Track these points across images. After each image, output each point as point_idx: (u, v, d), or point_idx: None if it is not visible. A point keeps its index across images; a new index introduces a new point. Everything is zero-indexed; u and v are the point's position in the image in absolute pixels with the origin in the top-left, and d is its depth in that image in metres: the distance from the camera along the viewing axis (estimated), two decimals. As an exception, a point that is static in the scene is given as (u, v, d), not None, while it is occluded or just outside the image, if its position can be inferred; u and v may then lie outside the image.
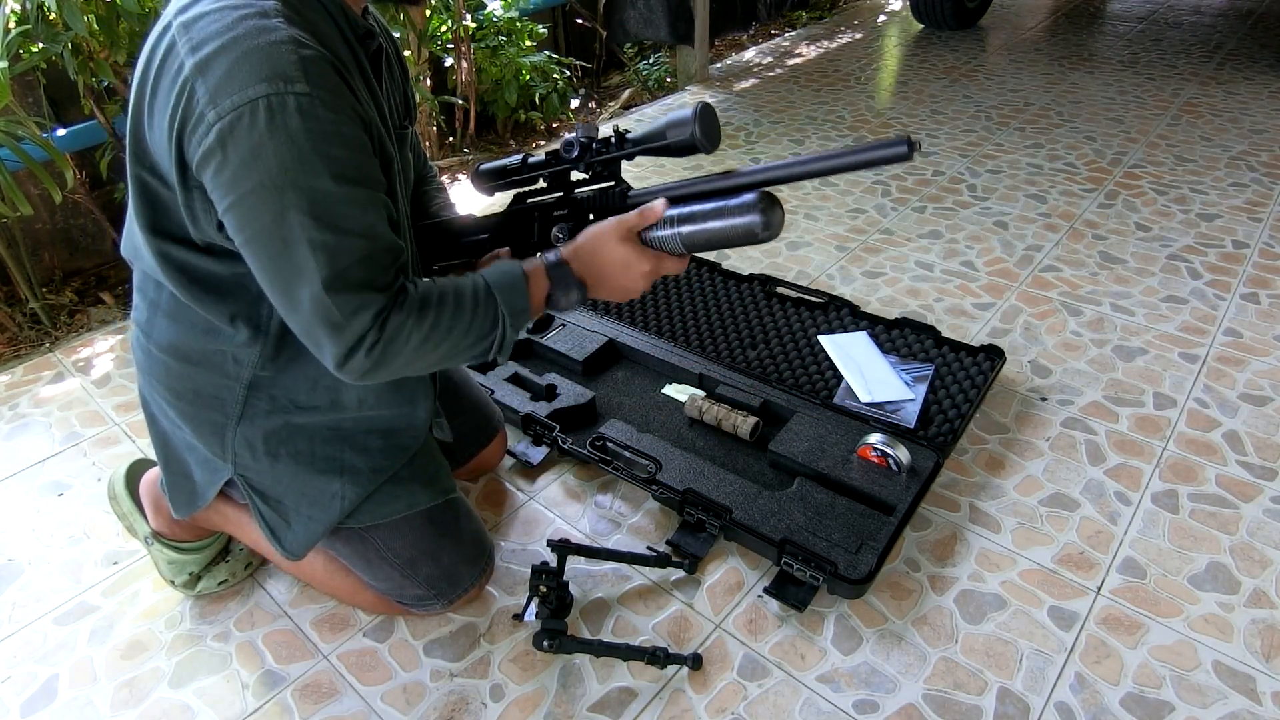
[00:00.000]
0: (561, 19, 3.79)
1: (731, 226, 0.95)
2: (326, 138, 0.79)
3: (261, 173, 0.78)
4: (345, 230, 0.82)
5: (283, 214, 0.79)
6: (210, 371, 1.03)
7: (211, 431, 1.08)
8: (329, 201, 0.80)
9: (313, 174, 0.79)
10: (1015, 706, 1.14)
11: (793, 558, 1.27)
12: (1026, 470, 1.52)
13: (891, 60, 3.86)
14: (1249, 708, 1.13)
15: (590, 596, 1.31)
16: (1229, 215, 2.37)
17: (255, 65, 0.76)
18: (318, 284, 0.82)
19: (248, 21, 0.78)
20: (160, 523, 1.29)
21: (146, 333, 1.05)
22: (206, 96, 0.77)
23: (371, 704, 1.17)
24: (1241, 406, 1.66)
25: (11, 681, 1.22)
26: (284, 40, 0.78)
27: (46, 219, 2.25)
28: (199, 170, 0.81)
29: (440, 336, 0.91)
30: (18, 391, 1.85)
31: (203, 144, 0.78)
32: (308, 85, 0.77)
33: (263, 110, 0.76)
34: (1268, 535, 1.38)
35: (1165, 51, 3.79)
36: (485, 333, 0.95)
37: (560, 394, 1.64)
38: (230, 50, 0.77)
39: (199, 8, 0.81)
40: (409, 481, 1.17)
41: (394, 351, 0.88)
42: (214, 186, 0.81)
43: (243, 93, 0.76)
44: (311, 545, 1.13)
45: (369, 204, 0.84)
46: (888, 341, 1.80)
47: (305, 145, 0.78)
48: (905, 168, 2.75)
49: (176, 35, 0.80)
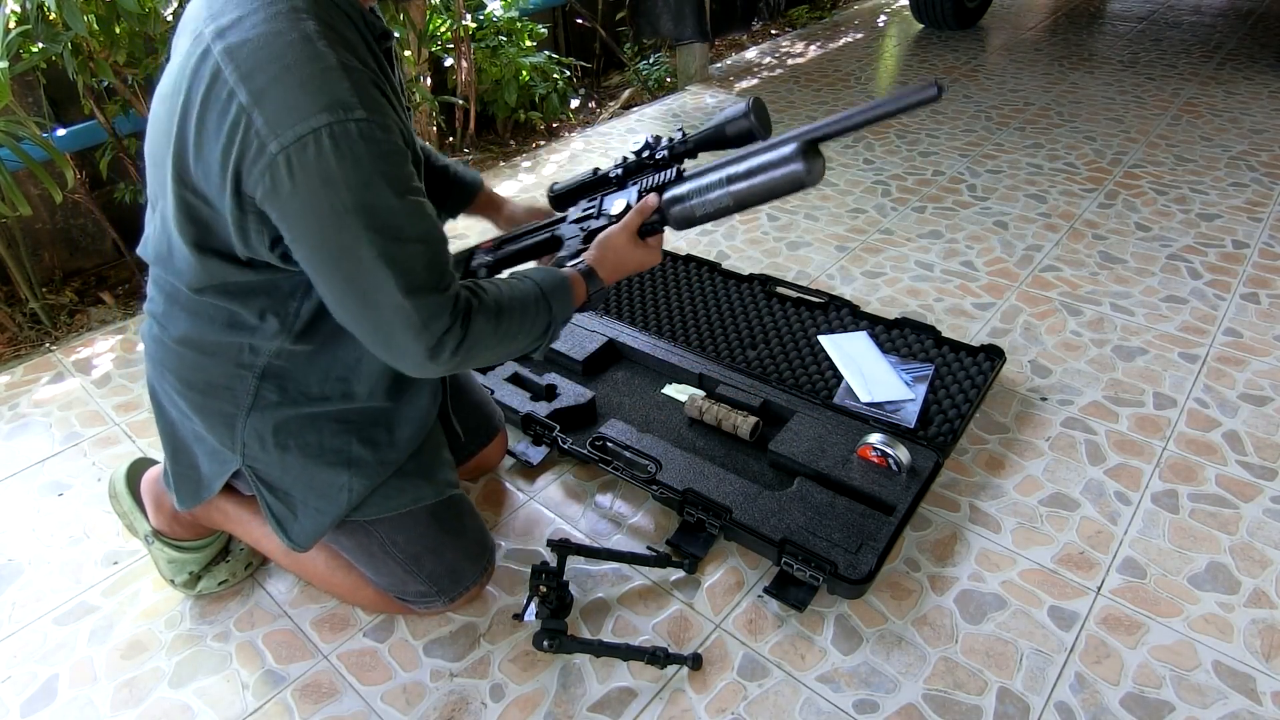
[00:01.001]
0: (561, 19, 3.79)
1: (777, 178, 1.04)
2: (385, 157, 0.83)
3: (331, 197, 0.81)
4: (409, 239, 0.87)
5: (355, 234, 0.83)
6: (225, 362, 1.04)
7: (222, 422, 1.08)
8: (394, 216, 0.85)
9: (378, 193, 0.83)
10: (1015, 706, 1.14)
11: (793, 558, 1.27)
12: (1026, 470, 1.52)
13: (891, 60, 3.86)
14: (1249, 708, 1.13)
15: (590, 596, 1.31)
16: (1229, 215, 2.37)
17: (313, 95, 0.78)
18: (397, 294, 0.87)
19: (296, 48, 0.79)
20: (161, 521, 1.29)
21: (163, 325, 1.06)
22: (266, 128, 0.79)
23: (371, 704, 1.17)
24: (1241, 406, 1.66)
25: (11, 681, 1.22)
26: (335, 66, 0.80)
27: (46, 219, 2.25)
28: (263, 199, 0.83)
29: (508, 335, 1.01)
30: (18, 391, 1.85)
31: (267, 173, 0.80)
32: (364, 110, 0.80)
33: (326, 138, 0.79)
34: (1268, 535, 1.38)
35: (1165, 51, 3.79)
36: (540, 334, 1.07)
37: (560, 394, 1.64)
38: (285, 80, 0.79)
39: (240, 32, 0.81)
40: (414, 476, 1.17)
41: (473, 346, 0.96)
42: (282, 213, 0.84)
43: (305, 123, 0.78)
44: (318, 537, 1.14)
45: (423, 211, 0.89)
46: (888, 341, 1.80)
47: (369, 167, 0.81)
48: (905, 167, 2.75)
49: (221, 62, 0.81)
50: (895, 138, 2.99)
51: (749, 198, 1.08)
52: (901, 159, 2.82)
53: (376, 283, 0.86)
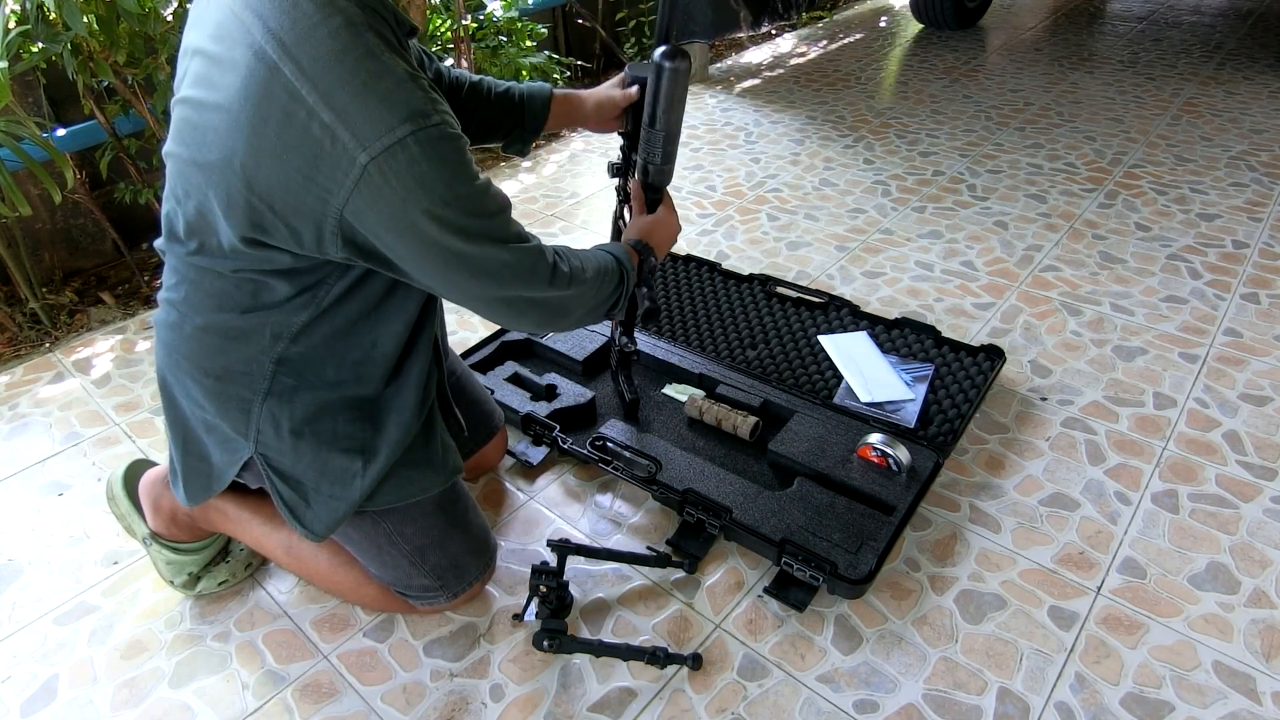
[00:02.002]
0: (561, 19, 3.79)
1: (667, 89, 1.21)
2: (460, 150, 0.91)
3: (427, 196, 0.88)
4: (493, 213, 0.97)
5: (454, 222, 0.91)
6: (245, 346, 1.05)
7: (237, 407, 1.09)
8: (479, 198, 0.94)
9: (462, 182, 0.91)
10: (1015, 706, 1.14)
11: (793, 558, 1.27)
12: (1026, 470, 1.52)
13: (891, 60, 3.86)
14: (1249, 708, 1.13)
15: (590, 596, 1.31)
16: (1229, 215, 2.37)
17: (394, 106, 0.85)
18: (502, 253, 0.97)
19: (367, 64, 0.85)
20: (159, 523, 1.29)
21: (182, 312, 1.07)
22: (354, 141, 0.84)
23: (371, 704, 1.17)
24: (1241, 406, 1.66)
25: (11, 681, 1.22)
26: (405, 77, 0.86)
27: (46, 219, 2.25)
28: (353, 208, 0.88)
29: (598, 280, 1.13)
30: (18, 391, 1.85)
31: (360, 183, 0.86)
32: (437, 113, 0.87)
33: (413, 144, 0.85)
34: (1268, 535, 1.38)
35: (1165, 51, 3.79)
36: (617, 286, 1.17)
37: (560, 394, 1.64)
38: (365, 97, 0.84)
39: (309, 50, 0.84)
40: (423, 465, 1.18)
41: (579, 281, 1.08)
42: (377, 219, 0.89)
43: (391, 134, 0.84)
44: (334, 526, 1.14)
45: (493, 186, 0.98)
46: (888, 341, 1.80)
47: (453, 162, 0.89)
48: (905, 167, 2.75)
49: (296, 81, 0.84)
50: (895, 138, 2.99)
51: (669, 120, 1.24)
52: (901, 159, 2.82)
53: (483, 254, 0.95)
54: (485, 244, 0.95)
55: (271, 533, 1.25)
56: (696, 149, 2.98)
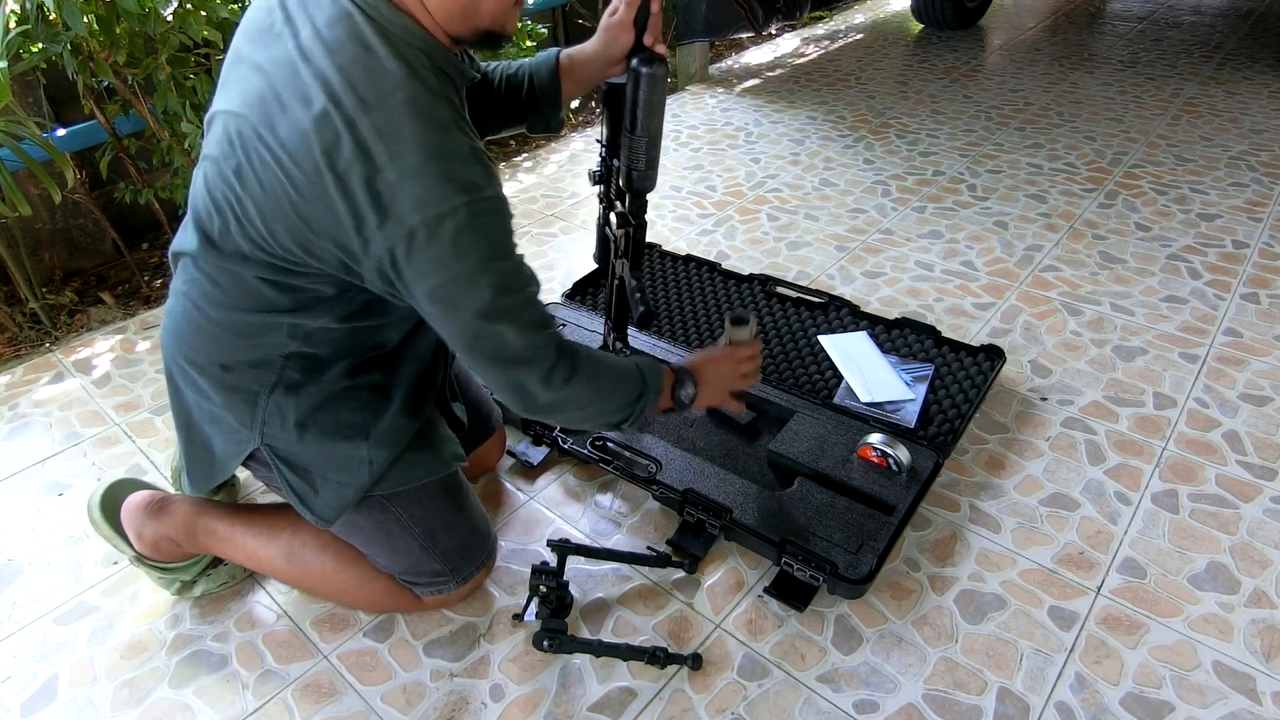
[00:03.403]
0: (561, 19, 3.79)
1: (645, 94, 1.13)
2: (503, 226, 0.97)
3: (462, 264, 0.93)
4: (521, 289, 1.00)
5: (479, 292, 0.95)
6: (259, 342, 1.07)
7: (243, 400, 1.10)
8: (510, 273, 0.98)
9: (498, 256, 0.96)
10: (1015, 706, 1.14)
11: (793, 558, 1.27)
12: (1026, 470, 1.52)
13: (891, 60, 3.86)
14: (1249, 708, 1.13)
15: (590, 596, 1.31)
16: (1229, 215, 2.37)
17: (452, 179, 0.90)
18: (516, 335, 1.00)
19: (436, 135, 0.90)
20: (144, 548, 1.28)
21: (200, 306, 1.08)
22: (411, 203, 0.89)
23: (371, 704, 1.17)
24: (1241, 406, 1.66)
25: (11, 681, 1.22)
26: (468, 152, 0.92)
27: (46, 219, 2.25)
28: (392, 261, 0.92)
29: (604, 387, 1.11)
30: (18, 391, 1.85)
31: (404, 239, 0.90)
32: (491, 189, 0.93)
33: (464, 214, 0.91)
34: (1268, 535, 1.38)
35: (1165, 51, 3.79)
36: (633, 399, 1.14)
37: (560, 394, 1.64)
38: (431, 165, 0.89)
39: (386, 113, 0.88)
40: (426, 449, 1.20)
41: (576, 383, 1.06)
42: (415, 273, 0.93)
43: (446, 202, 0.90)
44: (342, 511, 1.15)
45: (526, 266, 1.02)
46: (888, 341, 1.80)
47: (494, 236, 0.95)
48: (905, 167, 2.75)
49: (369, 139, 0.88)
50: (895, 138, 2.99)
51: (649, 125, 1.18)
52: (901, 159, 2.82)
53: (500, 330, 0.98)
54: (500, 321, 0.98)
55: (268, 543, 1.24)
56: (696, 149, 2.98)
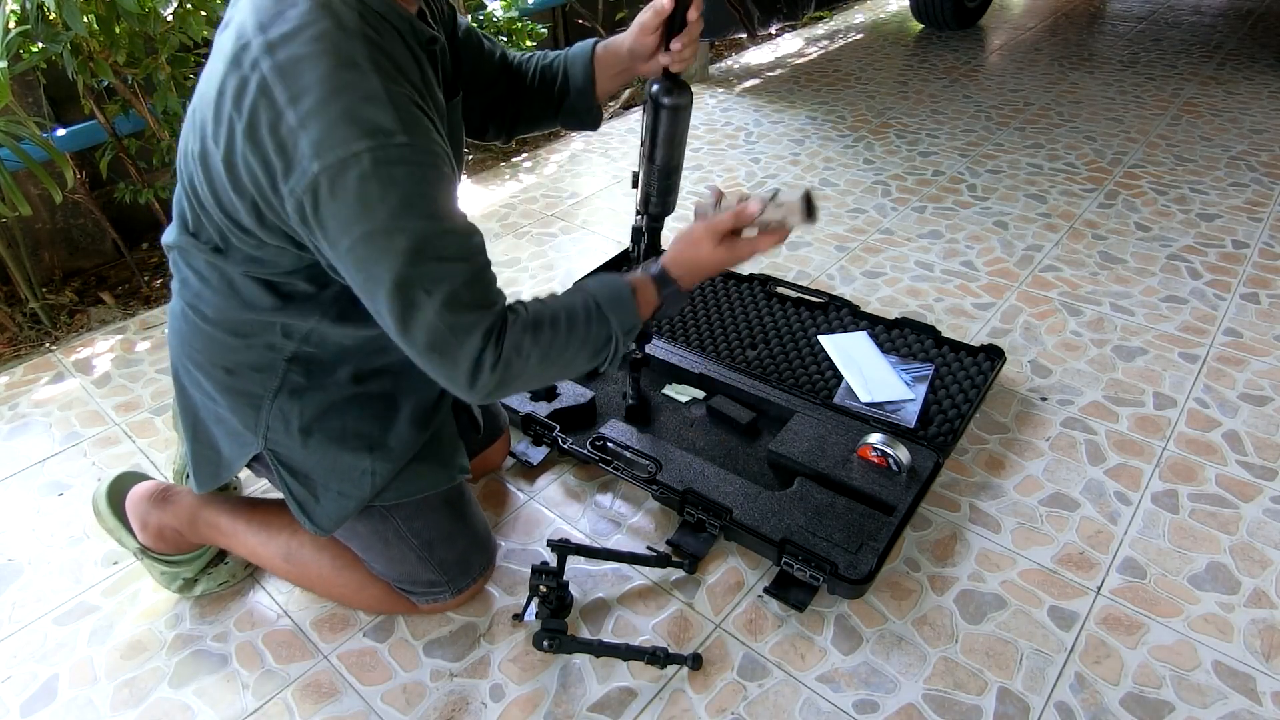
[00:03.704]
0: (561, 19, 3.79)
1: (668, 123, 1.13)
2: (424, 180, 0.85)
3: (370, 220, 0.83)
4: (448, 259, 0.88)
5: (394, 255, 0.85)
6: (257, 343, 1.06)
7: (247, 404, 1.09)
8: (431, 237, 0.86)
9: (415, 215, 0.84)
10: (1015, 706, 1.14)
11: (793, 558, 1.27)
12: (1026, 470, 1.52)
13: (891, 60, 3.86)
14: (1249, 708, 1.13)
15: (590, 596, 1.31)
16: (1229, 215, 2.37)
17: (357, 120, 0.81)
18: (431, 312, 0.88)
19: (343, 73, 0.82)
20: (148, 539, 1.28)
21: (193, 306, 1.07)
22: (310, 149, 0.81)
23: (371, 704, 1.17)
24: (1241, 406, 1.66)
25: (11, 681, 1.22)
26: (379, 92, 0.83)
27: (46, 219, 2.25)
28: (299, 217, 0.86)
29: (558, 353, 0.97)
30: (18, 391, 1.85)
31: (309, 192, 0.83)
32: (405, 135, 0.83)
33: (368, 162, 0.81)
34: (1268, 535, 1.38)
35: (1165, 51, 3.79)
36: (599, 348, 1.01)
37: (560, 394, 1.64)
38: (332, 105, 0.81)
39: (290, 50, 0.82)
40: (431, 461, 1.19)
41: (516, 368, 0.94)
42: (322, 232, 0.86)
43: (346, 146, 0.81)
44: (342, 521, 1.14)
45: (463, 231, 0.90)
46: (888, 341, 1.80)
47: (408, 189, 0.84)
48: (905, 167, 2.75)
49: (271, 79, 0.82)
50: (895, 138, 2.99)
51: (667, 155, 1.17)
52: (901, 159, 2.82)
53: (411, 303, 0.87)
54: (415, 291, 0.87)
55: (268, 541, 1.25)
56: (697, 149, 2.98)
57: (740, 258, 1.09)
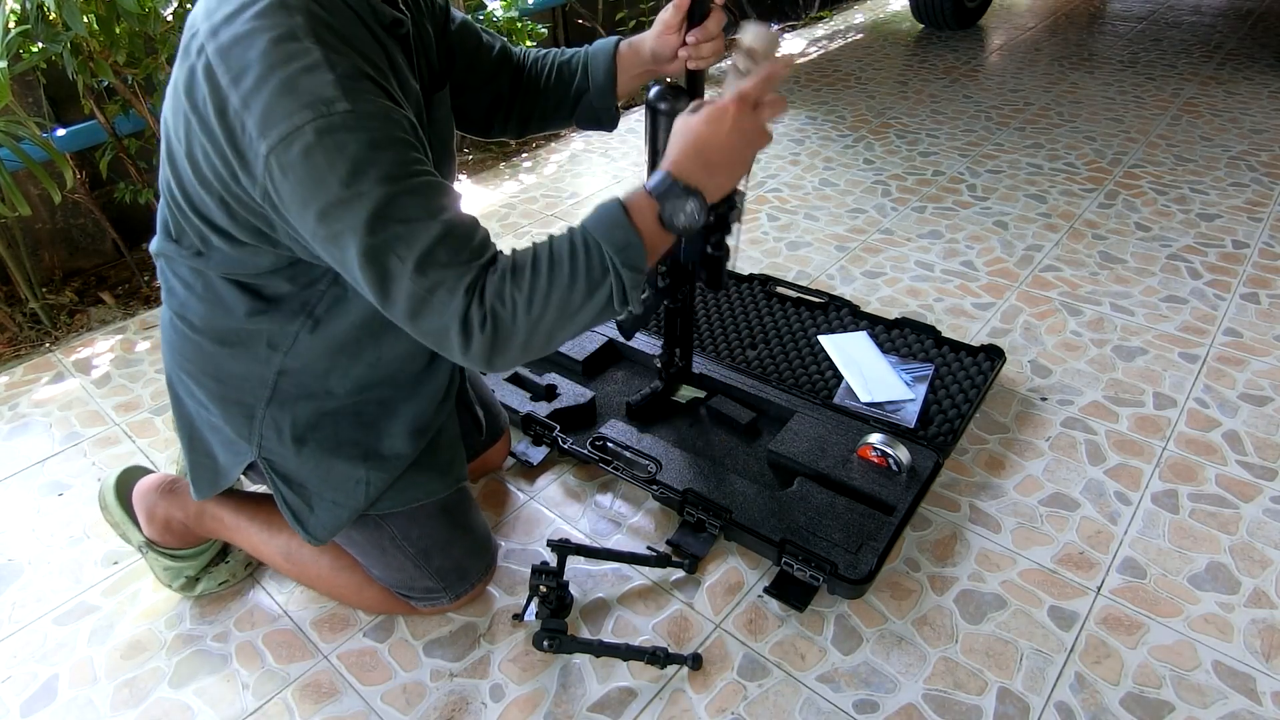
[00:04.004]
0: (561, 19, 3.79)
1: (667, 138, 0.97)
2: (375, 144, 0.81)
3: (325, 193, 0.80)
4: (414, 219, 0.82)
5: (356, 224, 0.81)
6: (245, 353, 1.05)
7: (240, 413, 1.08)
8: (391, 200, 0.81)
9: (370, 180, 0.80)
10: (1015, 706, 1.14)
11: (793, 558, 1.27)
12: (1026, 470, 1.52)
13: (891, 60, 3.86)
14: (1249, 708, 1.13)
15: (590, 596, 1.31)
16: (1229, 215, 2.37)
17: (296, 93, 0.78)
18: (406, 278, 0.82)
19: (280, 47, 0.79)
20: (153, 531, 1.28)
21: (180, 314, 1.06)
22: (256, 130, 0.80)
23: (371, 704, 1.17)
24: (1241, 406, 1.66)
25: (11, 681, 1.22)
26: (319, 61, 0.80)
27: (46, 219, 2.25)
28: (263, 200, 0.84)
29: (544, 295, 0.86)
30: (18, 391, 1.85)
31: (266, 175, 0.81)
32: (348, 101, 0.79)
33: (311, 134, 0.78)
34: (1268, 535, 1.38)
35: (1165, 51, 3.79)
36: (597, 281, 0.87)
37: (560, 394, 1.64)
38: (269, 80, 0.79)
39: (230, 30, 0.81)
40: (428, 469, 1.18)
41: (505, 323, 0.85)
42: (287, 211, 0.84)
43: (288, 121, 0.78)
44: (336, 531, 1.14)
45: (429, 190, 0.84)
46: (888, 341, 1.80)
47: (357, 155, 0.80)
48: (905, 167, 2.75)
49: (214, 62, 0.81)
50: (895, 138, 2.99)
51: None
52: (901, 159, 2.82)
53: (386, 270, 0.83)
54: (385, 259, 0.82)
55: (270, 539, 1.25)
56: (696, 149, 2.97)
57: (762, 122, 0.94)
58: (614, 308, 0.90)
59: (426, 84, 1.07)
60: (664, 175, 0.91)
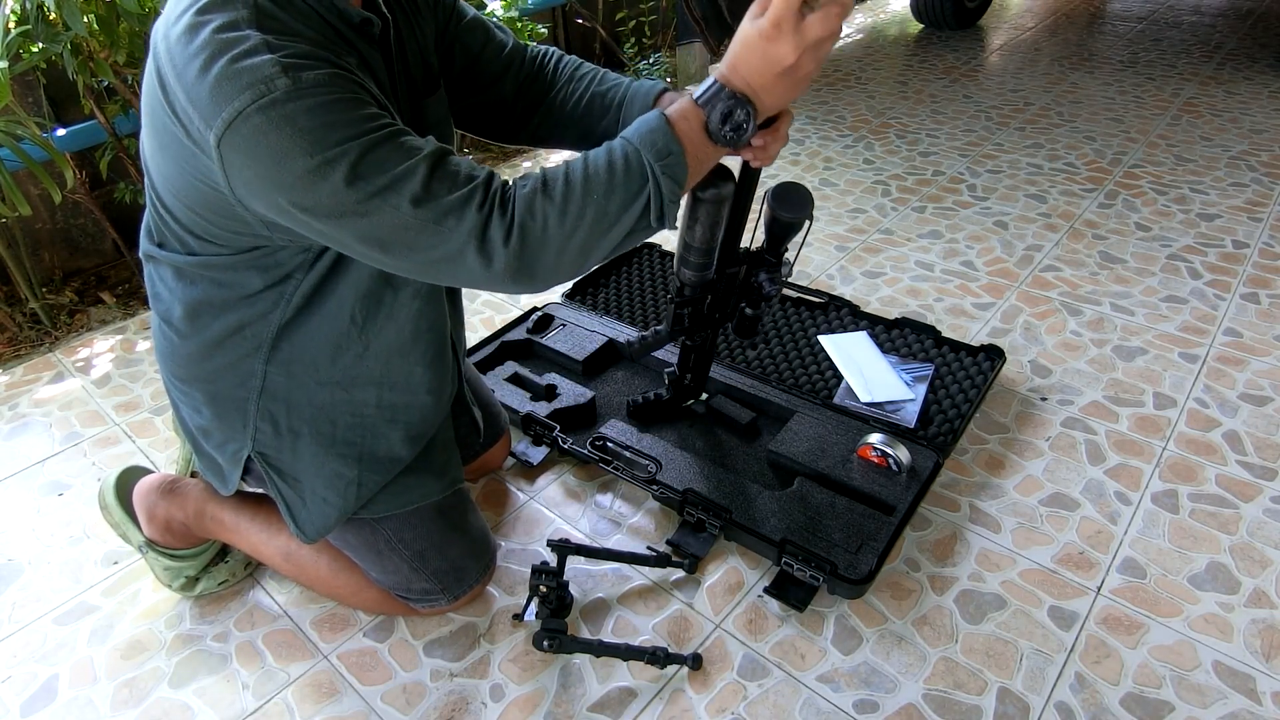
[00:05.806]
0: (561, 19, 3.79)
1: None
2: (330, 107, 0.78)
3: (291, 169, 0.78)
4: (395, 167, 0.80)
5: (336, 190, 0.78)
6: (230, 349, 1.04)
7: (235, 408, 1.08)
8: (364, 153, 0.78)
9: (335, 142, 0.78)
10: (1015, 706, 1.14)
11: (793, 558, 1.27)
12: (1026, 470, 1.52)
13: (891, 60, 3.86)
14: (1249, 708, 1.13)
15: (590, 596, 1.31)
16: (1229, 215, 2.37)
17: (235, 78, 0.76)
18: (408, 213, 0.80)
19: (220, 35, 0.78)
20: (154, 531, 1.28)
21: (166, 319, 1.06)
22: (203, 122, 0.78)
23: (371, 704, 1.17)
24: (1241, 406, 1.66)
25: (11, 681, 1.22)
26: (258, 47, 0.77)
27: (46, 219, 2.25)
28: (235, 191, 0.82)
29: (579, 205, 0.82)
30: (18, 391, 1.85)
31: (220, 167, 0.79)
32: (288, 77, 0.77)
33: (256, 115, 0.76)
34: (1268, 535, 1.38)
35: (1165, 51, 3.79)
36: (635, 191, 0.84)
37: (560, 394, 1.64)
38: (210, 70, 0.77)
39: (178, 26, 0.81)
40: (423, 472, 1.18)
41: (535, 236, 0.82)
42: (259, 199, 0.82)
43: (230, 106, 0.76)
44: (326, 530, 1.14)
45: (399, 135, 0.81)
46: (888, 341, 1.80)
47: (314, 120, 0.77)
48: (905, 167, 2.75)
49: (162, 59, 0.82)
50: (895, 138, 2.99)
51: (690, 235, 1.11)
52: (901, 159, 2.82)
53: (382, 223, 0.80)
54: (382, 211, 0.79)
55: (270, 539, 1.25)
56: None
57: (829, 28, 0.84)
58: (650, 223, 0.87)
59: (419, 86, 1.07)
60: (713, 82, 0.87)
